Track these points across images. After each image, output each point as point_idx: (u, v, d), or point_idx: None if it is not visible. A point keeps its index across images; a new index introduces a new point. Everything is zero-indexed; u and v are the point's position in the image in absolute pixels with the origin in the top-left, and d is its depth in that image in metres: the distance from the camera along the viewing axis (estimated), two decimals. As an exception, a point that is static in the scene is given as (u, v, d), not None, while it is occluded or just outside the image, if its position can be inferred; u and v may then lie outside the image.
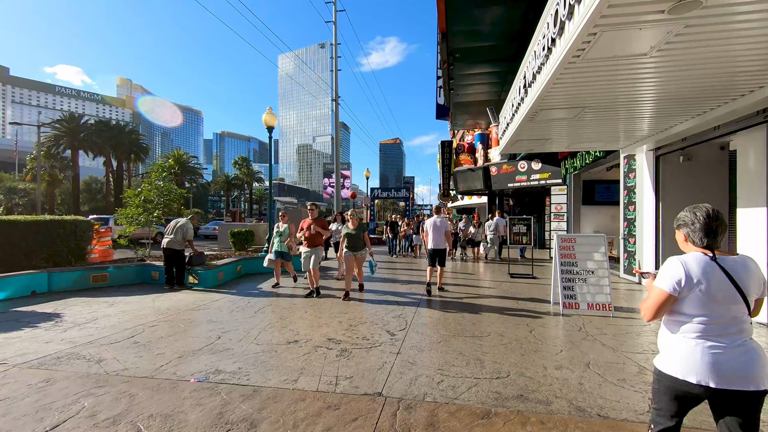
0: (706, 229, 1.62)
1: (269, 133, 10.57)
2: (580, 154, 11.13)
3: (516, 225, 9.07)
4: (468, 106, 21.10)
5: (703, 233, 1.62)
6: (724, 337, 1.55)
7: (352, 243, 6.64)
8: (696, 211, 1.67)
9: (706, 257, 1.60)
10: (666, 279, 1.62)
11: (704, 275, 1.56)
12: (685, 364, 1.58)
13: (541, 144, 7.85)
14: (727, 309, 1.55)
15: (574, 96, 4.86)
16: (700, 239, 1.64)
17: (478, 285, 7.97)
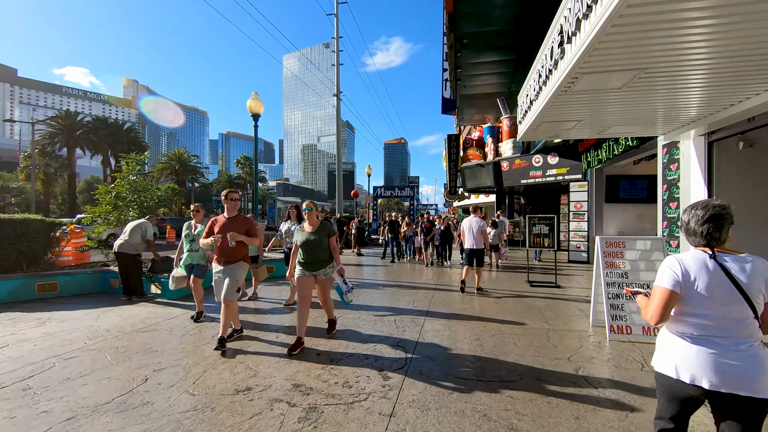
0: (701, 228, 1.58)
1: (255, 121, 9.39)
2: (607, 145, 9.81)
3: (536, 225, 7.81)
4: (475, 99, 19.80)
5: (698, 233, 1.60)
6: (725, 339, 1.50)
7: (310, 255, 4.03)
8: (692, 209, 1.64)
9: (704, 254, 1.57)
10: (665, 276, 1.59)
11: (701, 272, 1.53)
12: (679, 362, 1.56)
13: (569, 129, 6.56)
14: (727, 309, 1.50)
15: (632, 52, 3.60)
16: (693, 241, 1.63)
17: (494, 296, 6.71)
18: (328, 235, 4.11)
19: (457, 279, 8.45)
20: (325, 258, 4.11)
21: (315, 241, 4.01)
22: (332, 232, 4.17)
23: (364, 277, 8.93)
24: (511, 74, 16.72)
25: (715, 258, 1.54)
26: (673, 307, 1.59)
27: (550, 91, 4.74)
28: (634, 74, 4.05)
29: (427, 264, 10.77)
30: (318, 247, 4.02)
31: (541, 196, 18.79)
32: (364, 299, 6.32)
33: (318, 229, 4.09)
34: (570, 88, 4.50)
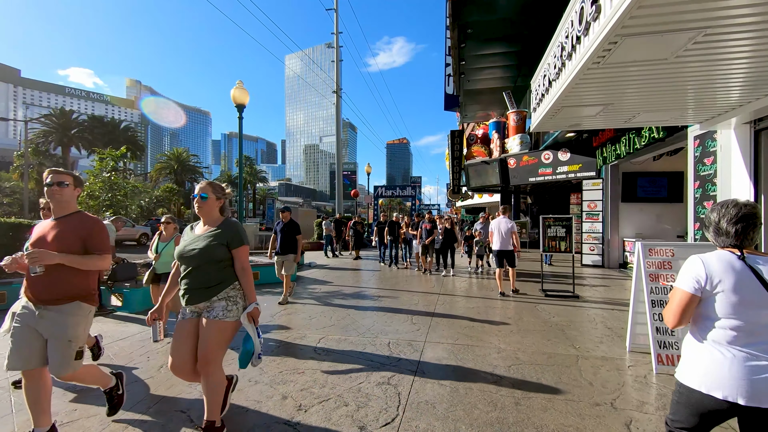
0: (733, 228, 1.47)
1: (239, 112, 8.56)
2: (627, 138, 8.92)
3: (552, 227, 6.92)
4: (480, 95, 18.96)
5: (730, 233, 1.48)
6: (757, 347, 1.37)
7: (191, 277, 2.33)
8: (722, 207, 1.54)
9: (732, 255, 1.45)
10: (686, 278, 1.50)
11: (727, 275, 1.41)
12: (709, 376, 1.42)
13: (592, 116, 5.68)
14: (758, 314, 1.37)
15: (692, 7, 2.73)
16: (722, 241, 1.52)
17: (506, 309, 5.84)
18: (229, 243, 2.32)
19: (461, 287, 7.58)
20: (215, 282, 2.29)
21: (202, 252, 2.26)
22: (238, 239, 2.37)
23: (356, 283, 8.07)
24: (517, 67, 15.87)
25: (743, 259, 1.43)
26: (692, 310, 1.50)
27: (577, 64, 3.87)
28: (691, 37, 3.17)
29: (425, 271, 9.48)
30: (206, 262, 2.27)
31: (549, 195, 17.88)
32: (352, 320, 5.47)
33: (214, 231, 2.34)
34: (605, 59, 3.63)
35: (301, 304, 6.00)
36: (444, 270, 9.17)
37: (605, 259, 11.05)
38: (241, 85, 8.56)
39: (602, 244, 11.09)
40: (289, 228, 6.30)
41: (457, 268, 10.23)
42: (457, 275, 9.00)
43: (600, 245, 11.11)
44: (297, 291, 7.12)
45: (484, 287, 7.50)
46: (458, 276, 8.84)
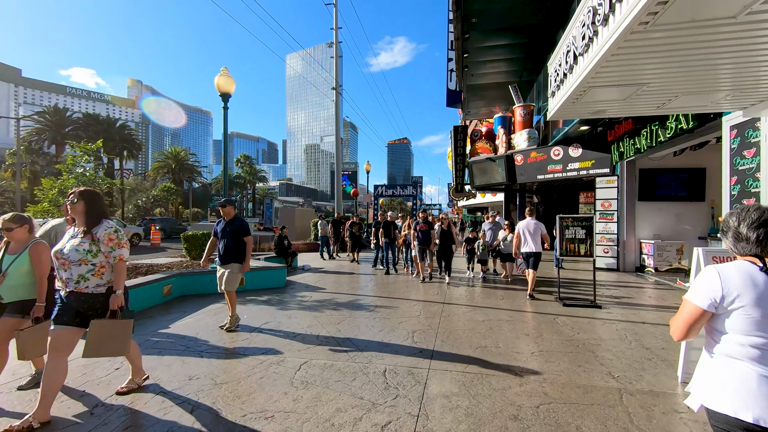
0: (754, 234, 1.33)
1: (224, 102, 7.83)
2: (648, 131, 8.15)
3: (570, 228, 6.16)
4: (483, 90, 18.21)
5: (750, 239, 1.34)
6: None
7: None
8: (743, 211, 1.40)
9: (752, 267, 1.31)
10: (699, 292, 1.35)
11: (747, 289, 1.27)
12: (736, 396, 1.27)
13: (622, 100, 4.91)
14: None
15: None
16: (742, 248, 1.37)
17: (521, 323, 5.09)
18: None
19: (465, 297, 6.83)
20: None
21: None
22: None
23: (351, 290, 7.32)
24: (523, 61, 15.13)
25: (766, 270, 1.28)
26: (701, 326, 1.38)
27: (616, 28, 3.13)
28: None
29: (423, 278, 8.34)
30: None
31: (557, 194, 17.11)
32: (346, 328, 4.72)
33: None
34: (655, 17, 2.88)
35: (287, 316, 5.25)
36: (446, 277, 8.15)
37: (620, 262, 10.29)
38: (227, 72, 7.83)
39: (617, 246, 10.33)
40: (233, 228, 4.69)
41: (456, 274, 9.08)
42: (458, 283, 7.95)
43: (615, 247, 10.35)
44: (285, 299, 6.38)
45: (491, 297, 6.73)
46: (459, 284, 7.91)
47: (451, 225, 8.27)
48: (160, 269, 7.64)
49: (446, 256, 8.14)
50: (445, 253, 8.14)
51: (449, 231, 8.11)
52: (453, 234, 8.15)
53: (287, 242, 9.99)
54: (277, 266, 7.63)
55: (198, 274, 6.93)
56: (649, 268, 9.84)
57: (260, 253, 10.70)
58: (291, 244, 10.32)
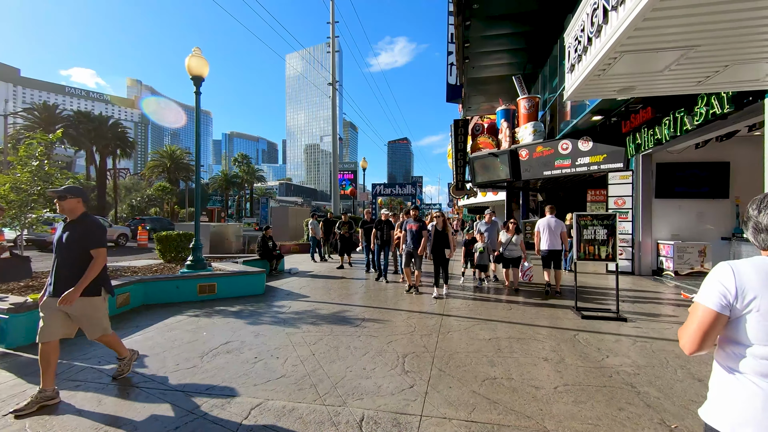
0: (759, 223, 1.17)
1: (196, 86, 6.99)
2: (671, 119, 7.28)
3: (589, 227, 5.30)
4: (485, 84, 17.35)
5: (756, 228, 1.18)
6: None
7: None
8: (760, 200, 1.20)
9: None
10: (710, 291, 1.14)
11: (766, 288, 1.06)
12: (741, 416, 1.08)
13: (659, 71, 4.04)
14: None
15: None
16: (762, 241, 1.17)
17: (536, 341, 4.23)
18: None
19: (463, 308, 5.98)
20: None
21: None
22: None
23: (337, 300, 6.45)
24: (526, 52, 14.28)
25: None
26: (717, 333, 1.14)
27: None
28: None
29: (410, 288, 6.88)
30: None
31: (563, 191, 16.24)
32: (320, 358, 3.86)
33: None
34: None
35: (254, 334, 4.39)
36: (437, 289, 6.54)
37: (635, 264, 9.42)
38: (199, 53, 6.98)
39: (632, 248, 9.46)
40: (74, 236, 2.83)
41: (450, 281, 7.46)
42: (455, 293, 6.76)
43: (629, 248, 9.48)
44: (259, 310, 5.52)
45: (496, 308, 5.84)
46: (456, 294, 6.76)
47: (447, 224, 6.77)
48: (123, 274, 6.78)
49: (439, 261, 6.61)
50: (437, 259, 6.61)
51: (444, 232, 6.63)
52: (448, 235, 6.64)
53: (272, 243, 9.13)
54: (255, 271, 6.77)
55: (163, 281, 6.07)
56: (668, 272, 8.98)
57: (245, 256, 9.84)
58: (276, 246, 9.46)
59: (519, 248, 7.13)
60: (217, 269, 7.24)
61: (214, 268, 7.41)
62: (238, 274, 6.60)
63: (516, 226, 7.27)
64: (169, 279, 6.09)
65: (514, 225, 7.22)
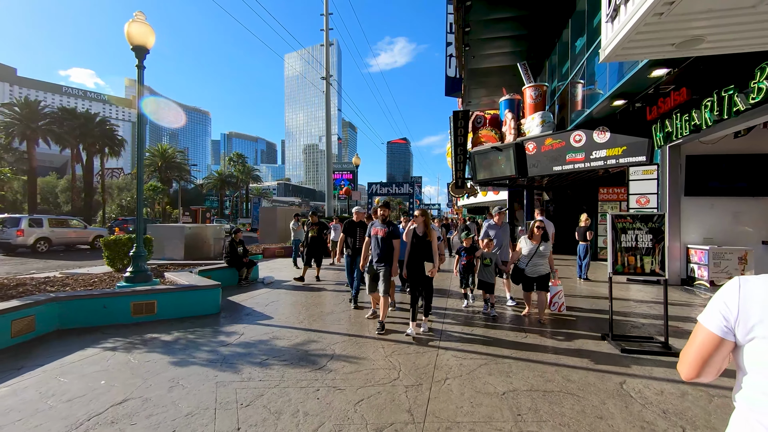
0: None
1: (139, 59, 5.73)
2: (714, 100, 6.02)
3: (629, 231, 4.05)
4: (486, 76, 16.09)
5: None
6: None
7: None
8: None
9: None
10: (712, 310, 0.95)
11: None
12: None
13: (748, 7, 2.81)
14: None
15: None
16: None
17: (564, 400, 2.97)
18: None
19: (464, 340, 4.73)
20: None
21: None
22: None
23: (305, 324, 5.18)
24: (530, 40, 13.05)
25: None
26: (721, 360, 0.94)
27: None
28: None
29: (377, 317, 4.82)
30: None
31: (572, 190, 14.98)
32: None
33: None
34: None
35: (170, 383, 3.12)
36: (412, 324, 4.47)
37: (662, 272, 8.16)
38: (142, 18, 5.72)
39: (658, 253, 8.19)
40: None
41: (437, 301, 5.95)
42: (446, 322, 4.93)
43: (655, 254, 8.21)
44: (199, 339, 4.26)
45: (509, 345, 4.56)
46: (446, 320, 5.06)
47: (430, 228, 4.64)
48: (48, 288, 5.51)
49: (418, 281, 4.53)
50: (415, 278, 4.54)
51: (425, 239, 4.56)
52: (431, 243, 4.55)
53: (242, 249, 7.86)
54: (208, 285, 5.49)
55: (85, 299, 4.80)
56: (701, 281, 7.74)
57: (208, 263, 8.57)
58: (248, 252, 8.19)
59: (547, 262, 5.20)
60: (167, 282, 5.99)
61: (165, 280, 6.15)
62: (187, 289, 5.33)
63: (543, 231, 5.20)
64: (94, 297, 4.82)
65: (540, 230, 5.16)
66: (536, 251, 5.14)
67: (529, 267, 5.19)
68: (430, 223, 4.70)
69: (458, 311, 5.70)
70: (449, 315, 5.47)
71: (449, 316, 5.42)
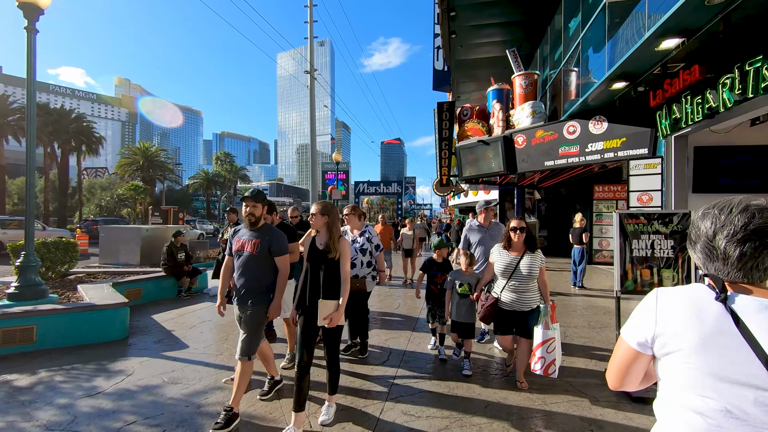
0: (737, 250, 0.84)
1: (28, 20, 4.61)
2: (737, 76, 5.02)
3: (642, 235, 2.97)
4: (475, 68, 15.08)
5: (725, 260, 0.86)
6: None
7: None
8: (717, 214, 0.94)
9: (708, 295, 0.84)
10: (631, 323, 0.96)
11: (689, 324, 0.83)
12: None
13: None
14: (743, 394, 0.77)
15: None
16: (716, 270, 0.88)
17: None
18: None
19: (422, 401, 3.64)
20: None
21: None
22: None
23: (212, 353, 4.07)
24: (522, 27, 12.15)
25: (724, 300, 0.81)
26: (641, 372, 0.96)
27: None
28: None
29: (293, 363, 3.54)
30: None
31: (565, 187, 14.01)
32: None
33: None
34: None
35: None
36: (295, 417, 2.49)
37: (666, 279, 7.18)
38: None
39: (662, 258, 7.22)
40: None
41: (391, 336, 4.56)
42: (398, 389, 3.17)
43: (659, 259, 7.23)
44: (64, 385, 3.14)
45: (482, 394, 3.41)
46: (398, 390, 3.17)
47: (341, 238, 2.68)
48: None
49: (311, 330, 2.62)
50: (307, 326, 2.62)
51: (328, 257, 2.63)
52: (341, 264, 2.65)
53: (184, 255, 6.72)
54: (110, 304, 4.35)
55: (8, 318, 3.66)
56: (713, 290, 6.77)
57: (150, 271, 7.40)
58: (191, 258, 7.06)
59: (535, 288, 3.24)
60: (72, 299, 4.85)
61: (75, 295, 5.02)
62: (81, 309, 4.19)
63: (528, 235, 3.22)
64: None
65: (522, 234, 3.19)
66: (516, 269, 3.16)
67: (506, 294, 3.20)
68: (338, 230, 2.69)
69: (418, 355, 4.04)
70: (408, 359, 3.91)
71: (407, 361, 3.85)
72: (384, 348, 4.20)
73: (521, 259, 3.18)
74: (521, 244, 3.21)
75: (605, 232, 11.85)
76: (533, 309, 3.16)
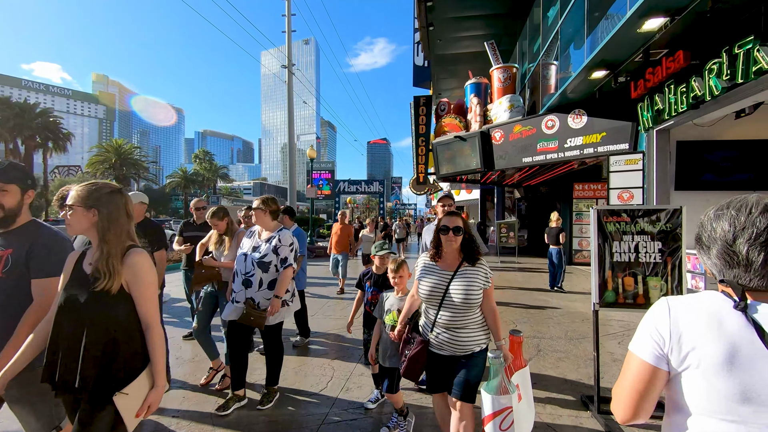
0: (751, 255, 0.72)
1: None
2: (726, 61, 4.57)
3: (625, 238, 2.46)
4: (455, 63, 14.55)
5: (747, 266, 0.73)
6: None
7: None
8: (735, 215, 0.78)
9: (725, 303, 0.75)
10: (643, 337, 0.83)
11: (709, 337, 0.73)
12: None
13: None
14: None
15: None
16: (735, 276, 0.76)
17: None
18: None
19: None
20: None
21: None
22: None
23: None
24: (505, 20, 11.74)
25: (745, 309, 0.71)
26: (656, 393, 0.81)
27: None
28: None
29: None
30: None
31: (546, 186, 13.62)
32: None
33: None
34: None
35: None
36: None
37: (648, 282, 6.76)
38: None
39: (644, 259, 6.79)
40: None
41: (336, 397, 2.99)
42: None
43: (640, 260, 6.80)
44: None
45: None
46: None
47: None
48: None
49: None
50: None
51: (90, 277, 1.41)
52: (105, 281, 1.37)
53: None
54: None
55: None
56: (696, 294, 6.36)
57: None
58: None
59: (480, 320, 2.07)
60: None
61: None
62: None
63: (466, 238, 2.06)
64: None
65: (457, 236, 2.04)
66: (446, 293, 2.01)
67: (436, 330, 2.07)
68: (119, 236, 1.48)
69: (351, 409, 2.85)
70: (330, 420, 2.69)
71: (329, 422, 2.65)
72: (302, 397, 3.03)
73: (453, 278, 2.01)
74: (456, 252, 2.06)
75: (585, 231, 11.48)
76: (475, 353, 2.00)
